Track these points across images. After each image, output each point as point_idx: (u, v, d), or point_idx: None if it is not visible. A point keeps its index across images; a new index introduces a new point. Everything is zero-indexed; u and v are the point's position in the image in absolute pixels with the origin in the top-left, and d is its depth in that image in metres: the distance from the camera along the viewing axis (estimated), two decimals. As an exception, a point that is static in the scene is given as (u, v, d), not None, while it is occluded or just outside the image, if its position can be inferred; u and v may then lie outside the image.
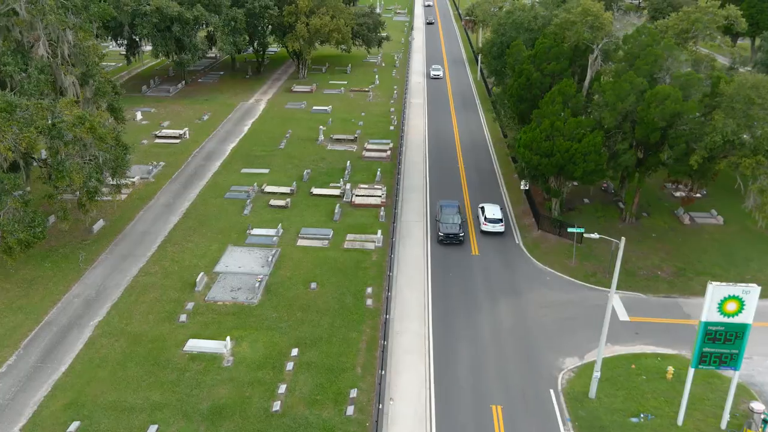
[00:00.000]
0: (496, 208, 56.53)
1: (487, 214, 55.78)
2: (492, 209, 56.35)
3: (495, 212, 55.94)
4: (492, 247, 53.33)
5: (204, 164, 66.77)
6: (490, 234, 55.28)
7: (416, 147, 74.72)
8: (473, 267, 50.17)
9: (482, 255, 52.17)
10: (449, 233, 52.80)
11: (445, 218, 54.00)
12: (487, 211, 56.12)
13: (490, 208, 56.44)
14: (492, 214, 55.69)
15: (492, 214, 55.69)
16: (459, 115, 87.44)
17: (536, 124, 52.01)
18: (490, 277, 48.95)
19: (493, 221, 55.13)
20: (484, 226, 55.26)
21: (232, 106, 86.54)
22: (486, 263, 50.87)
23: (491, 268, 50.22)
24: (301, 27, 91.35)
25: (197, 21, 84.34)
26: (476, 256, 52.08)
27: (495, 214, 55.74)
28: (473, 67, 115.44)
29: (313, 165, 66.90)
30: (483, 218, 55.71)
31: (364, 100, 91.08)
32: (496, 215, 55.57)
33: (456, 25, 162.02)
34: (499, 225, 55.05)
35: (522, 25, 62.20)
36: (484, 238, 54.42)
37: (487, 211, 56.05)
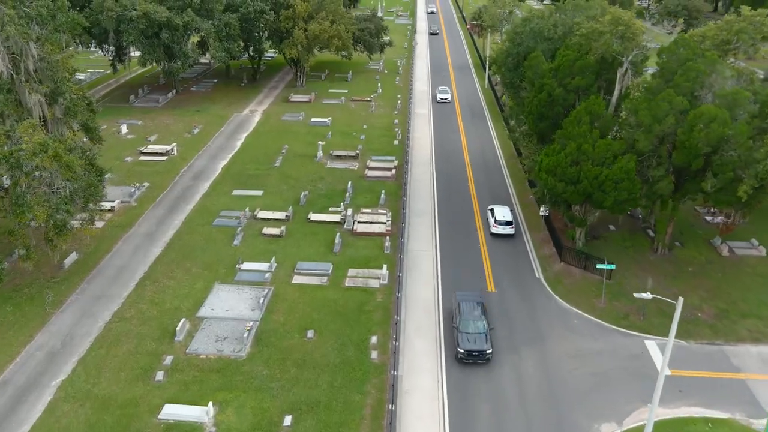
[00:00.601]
0: (506, 210, 54.88)
1: (497, 216, 54.09)
2: (502, 211, 54.61)
3: (505, 214, 54.26)
4: (510, 281, 47.79)
5: (192, 185, 61.19)
6: (508, 266, 49.78)
7: (422, 164, 69.17)
8: (490, 307, 44.63)
9: (499, 292, 46.63)
10: (472, 350, 38.14)
11: (464, 323, 39.74)
12: (497, 213, 54.45)
13: (500, 210, 54.75)
14: (502, 216, 53.99)
15: (502, 216, 53.99)
16: (467, 126, 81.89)
17: (560, 147, 46.44)
18: (509, 319, 43.40)
19: (504, 223, 53.50)
20: (494, 229, 53.68)
21: (225, 118, 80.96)
22: (504, 302, 45.32)
23: (510, 308, 44.68)
24: (299, 33, 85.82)
25: (187, 27, 78.81)
26: (493, 293, 46.53)
27: (505, 216, 54.02)
28: (480, 73, 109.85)
29: (311, 186, 61.32)
30: (493, 220, 54.10)
31: (365, 111, 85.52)
32: (506, 217, 53.87)
33: (460, 29, 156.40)
34: (509, 227, 53.41)
35: (540, 34, 56.62)
36: (501, 271, 48.85)
37: (497, 213, 54.36)
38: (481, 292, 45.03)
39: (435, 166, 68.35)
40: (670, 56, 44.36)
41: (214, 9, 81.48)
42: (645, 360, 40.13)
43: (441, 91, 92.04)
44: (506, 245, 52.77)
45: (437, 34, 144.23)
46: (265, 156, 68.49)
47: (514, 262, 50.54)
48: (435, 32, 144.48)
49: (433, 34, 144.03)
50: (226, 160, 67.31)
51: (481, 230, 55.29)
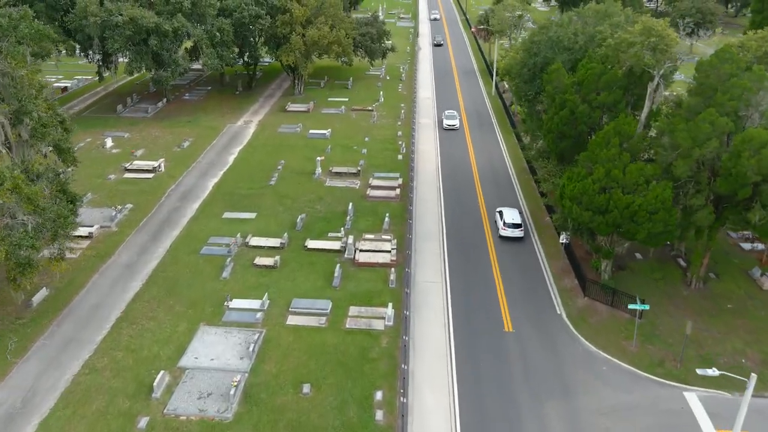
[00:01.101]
0: (515, 212, 53.80)
1: (506, 218, 52.80)
2: (511, 213, 53.52)
3: (514, 216, 53.07)
4: (528, 318, 42.95)
5: (179, 206, 56.32)
6: (526, 300, 44.95)
7: (428, 180, 64.33)
8: (508, 351, 39.84)
9: (517, 332, 41.80)
10: None
11: None
12: (506, 215, 53.20)
13: (509, 212, 53.64)
14: (511, 218, 52.78)
15: (511, 218, 52.78)
16: (475, 138, 77.05)
17: (585, 172, 41.59)
18: (530, 366, 38.58)
19: (513, 226, 52.29)
20: (503, 231, 52.46)
21: (217, 130, 76.09)
22: (523, 345, 40.49)
23: (530, 352, 39.85)
24: (297, 39, 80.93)
25: (178, 33, 73.93)
26: (510, 333, 41.70)
27: (514, 218, 52.82)
28: (486, 79, 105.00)
29: (308, 208, 56.44)
30: (501, 223, 52.82)
31: (367, 122, 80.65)
32: (515, 220, 52.68)
33: (464, 32, 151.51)
34: (518, 230, 52.22)
35: (559, 43, 51.70)
36: (518, 306, 44.01)
37: (506, 216, 53.08)
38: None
39: (442, 183, 63.51)
40: (711, 71, 39.47)
41: (206, 14, 76.62)
42: (686, 417, 35.34)
43: (448, 116, 79.57)
44: (523, 275, 47.95)
45: (442, 45, 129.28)
46: (260, 173, 63.61)
47: (533, 295, 45.72)
48: (439, 43, 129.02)
49: (438, 45, 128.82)
50: (217, 178, 62.43)
51: (494, 256, 50.49)
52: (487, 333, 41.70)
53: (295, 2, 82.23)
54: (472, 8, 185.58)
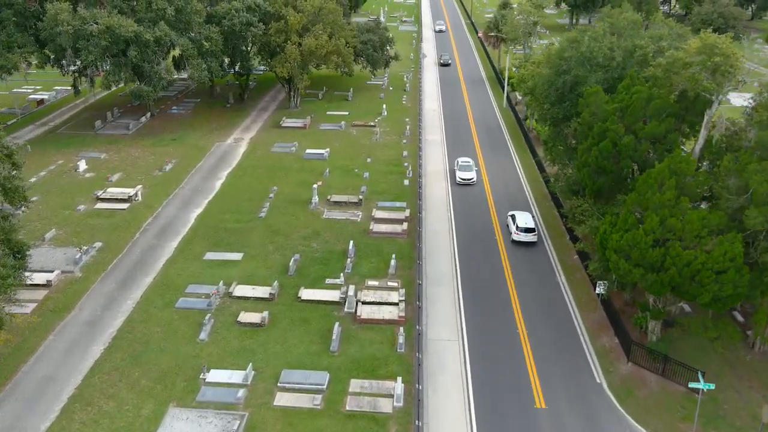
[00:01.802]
0: (527, 216, 52.26)
1: (518, 222, 51.11)
2: (524, 217, 51.85)
3: (527, 221, 51.36)
4: (563, 390, 35.95)
5: (155, 245, 49.28)
6: (560, 366, 37.92)
7: (438, 209, 57.36)
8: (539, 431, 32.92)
9: (551, 408, 34.82)
10: None
11: None
12: (519, 219, 51.53)
13: (522, 216, 51.99)
14: (524, 222, 51.04)
15: (524, 222, 51.04)
16: (487, 157, 70.07)
17: (633, 218, 34.59)
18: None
19: (526, 230, 50.54)
20: (516, 236, 50.74)
21: (204, 149, 69.04)
22: (560, 426, 33.49)
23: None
24: (292, 48, 73.89)
25: (160, 43, 66.92)
26: (542, 410, 34.70)
27: (527, 222, 51.09)
28: (496, 89, 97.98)
29: (303, 246, 49.41)
30: (514, 227, 51.03)
31: (369, 139, 73.60)
32: (528, 224, 50.93)
33: (470, 37, 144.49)
34: (531, 235, 50.52)
35: (593, 60, 44.65)
36: (551, 374, 36.98)
37: (519, 220, 51.41)
38: None
39: (453, 212, 56.53)
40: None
41: (192, 21, 69.60)
42: None
43: (463, 166, 62.11)
44: (553, 330, 40.94)
45: (449, 65, 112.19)
46: (249, 202, 56.55)
47: (566, 357, 38.70)
48: (447, 62, 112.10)
49: (445, 65, 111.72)
50: (201, 208, 55.37)
51: (516, 303, 43.53)
52: (516, 410, 34.69)
53: (291, 8, 75.24)
54: (477, 11, 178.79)
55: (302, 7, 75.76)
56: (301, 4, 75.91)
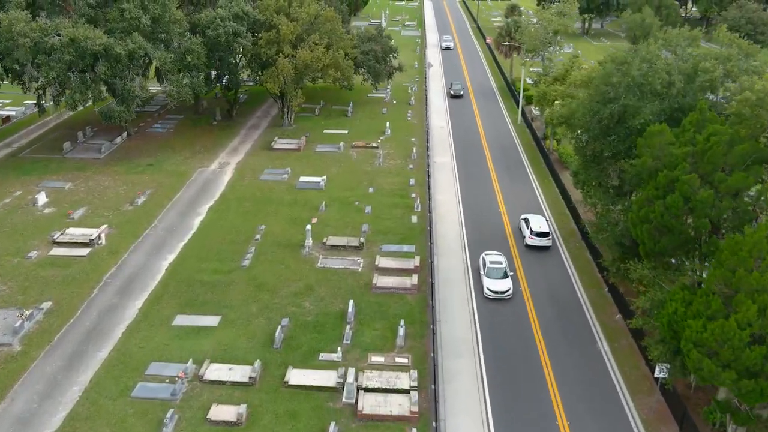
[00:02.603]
0: (542, 220, 50.94)
1: (532, 226, 49.72)
2: (538, 221, 50.48)
3: (542, 224, 49.99)
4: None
5: (116, 305, 41.12)
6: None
7: (451, 251, 49.37)
8: None
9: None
10: None
11: None
12: (533, 223, 50.14)
13: (536, 220, 50.59)
14: (538, 227, 49.61)
15: (538, 227, 49.61)
16: (503, 182, 62.02)
17: (718, 303, 26.46)
18: None
19: (540, 234, 49.21)
20: (530, 240, 49.38)
21: (185, 176, 60.89)
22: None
23: None
24: (284, 62, 65.72)
25: (134, 57, 58.75)
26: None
27: (542, 227, 49.70)
28: (508, 102, 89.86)
29: (293, 306, 41.24)
30: (528, 231, 49.71)
31: (371, 164, 65.44)
32: (542, 228, 49.56)
33: (477, 43, 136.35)
34: (546, 239, 49.26)
35: (647, 85, 36.46)
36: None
37: (533, 224, 49.99)
38: None
39: (469, 254, 48.43)
40: None
41: (171, 32, 61.47)
42: None
43: (493, 269, 44.00)
44: (600, 423, 32.79)
45: (462, 96, 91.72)
46: (231, 246, 48.40)
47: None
48: (458, 94, 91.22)
49: (456, 96, 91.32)
50: (175, 254, 47.19)
51: (552, 384, 35.46)
52: None
53: (283, 17, 67.07)
54: (482, 14, 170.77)
55: (296, 15, 67.63)
56: (294, 11, 67.81)
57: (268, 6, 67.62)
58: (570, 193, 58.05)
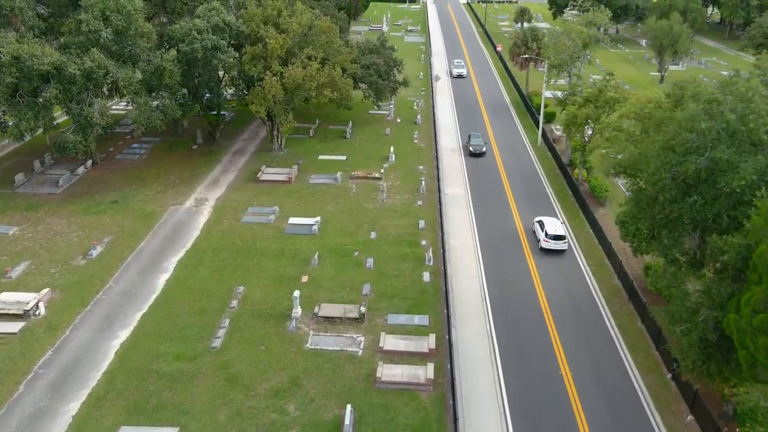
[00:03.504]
0: (557, 222, 49.57)
1: (547, 229, 48.32)
2: (553, 223, 49.09)
3: (557, 227, 48.54)
4: None
5: (44, 410, 31.80)
6: None
7: (472, 316, 40.23)
8: None
9: None
10: None
11: None
12: (548, 225, 48.73)
13: (551, 222, 49.26)
14: (554, 230, 48.17)
15: (554, 230, 48.17)
16: (527, 221, 52.76)
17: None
18: None
19: (556, 238, 47.72)
20: (545, 243, 48.07)
21: (153, 219, 51.60)
22: None
23: None
24: (272, 81, 56.40)
25: (91, 77, 49.50)
26: None
27: (557, 230, 48.24)
28: (526, 122, 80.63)
29: (273, 412, 31.86)
30: (543, 234, 48.36)
31: (373, 199, 56.16)
32: (558, 231, 48.05)
33: (485, 50, 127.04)
34: (562, 242, 47.80)
35: (747, 132, 27.03)
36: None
37: (548, 226, 48.59)
38: None
39: (494, 325, 39.17)
40: None
41: (137, 47, 52.20)
42: None
43: None
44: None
45: (483, 153, 67.17)
46: (200, 317, 39.06)
47: None
48: (480, 151, 66.74)
49: (478, 154, 66.86)
50: (128, 330, 37.85)
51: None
52: None
53: (271, 28, 57.73)
54: (489, 18, 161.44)
55: (286, 25, 58.27)
56: (285, 22, 58.47)
57: (254, 16, 58.30)
58: (609, 237, 48.89)
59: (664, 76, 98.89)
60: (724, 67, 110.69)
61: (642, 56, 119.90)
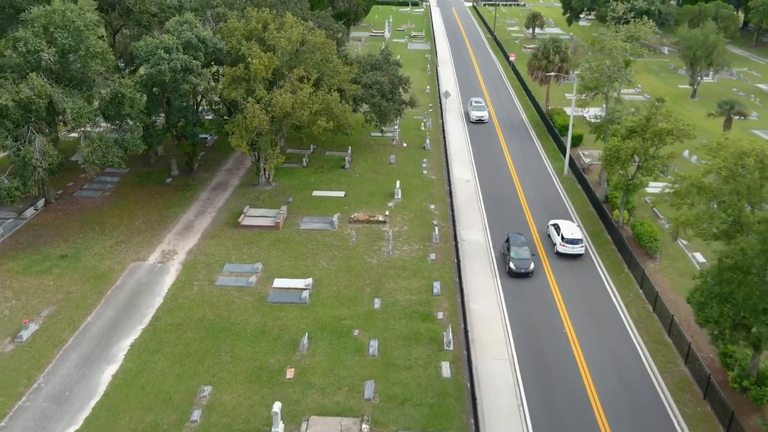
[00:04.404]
0: (573, 226, 46.79)
1: (564, 233, 45.55)
2: (570, 227, 46.31)
3: (573, 231, 45.86)
4: None
5: None
6: None
7: (509, 426, 30.74)
8: None
9: None
10: None
11: None
12: (564, 229, 45.96)
13: (568, 226, 46.39)
14: (570, 233, 45.48)
15: (570, 233, 45.48)
16: (563, 281, 43.48)
17: None
18: None
19: (573, 242, 45.15)
20: (561, 248, 45.38)
21: (106, 280, 42.12)
22: None
23: None
24: (256, 110, 46.88)
25: (30, 109, 40.06)
26: None
27: (574, 233, 45.59)
28: (546, 143, 71.31)
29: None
30: (559, 238, 45.68)
31: (377, 251, 46.72)
32: (575, 235, 45.47)
33: (495, 57, 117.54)
34: (578, 246, 45.15)
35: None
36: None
37: (564, 230, 45.83)
38: None
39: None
40: None
41: (89, 71, 42.70)
42: None
43: None
44: None
45: (531, 274, 44.71)
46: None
47: None
48: (524, 271, 44.62)
49: (524, 275, 44.22)
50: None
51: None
52: None
53: (255, 45, 48.27)
54: (498, 22, 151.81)
55: (274, 42, 48.78)
56: (271, 37, 49.02)
57: (235, 30, 48.87)
58: (667, 303, 39.59)
59: (697, 90, 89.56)
60: (758, 78, 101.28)
61: (666, 66, 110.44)
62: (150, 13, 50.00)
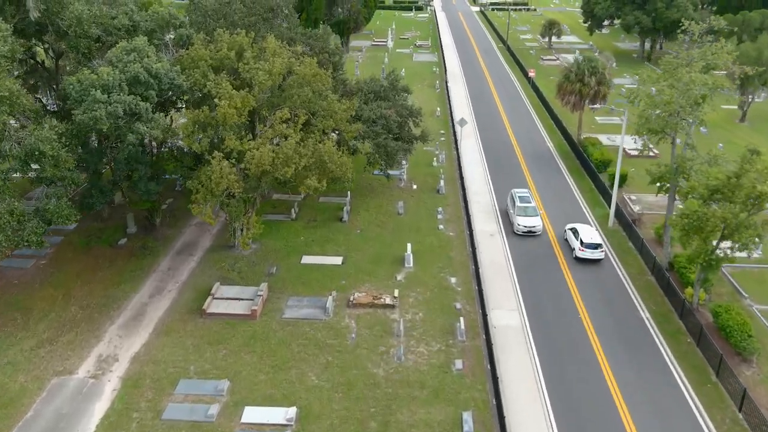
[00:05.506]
0: (592, 230, 45.51)
1: (583, 237, 44.30)
2: (589, 231, 45.11)
3: (593, 236, 44.58)
4: None
5: None
6: None
7: None
8: None
9: None
10: None
11: None
12: (583, 233, 44.67)
13: (587, 231, 45.14)
14: (590, 238, 44.21)
15: (590, 238, 44.21)
16: (626, 387, 32.29)
17: None
18: None
19: (592, 246, 43.88)
20: (580, 253, 44.02)
21: (13, 409, 30.60)
22: None
23: None
24: (222, 168, 35.31)
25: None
26: None
27: (593, 238, 44.30)
28: (581, 181, 60.05)
29: None
30: (578, 243, 44.32)
31: (383, 355, 35.25)
32: (594, 239, 44.20)
33: (510, 71, 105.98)
34: (598, 251, 43.92)
35: None
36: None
37: (583, 234, 44.55)
38: None
39: None
40: None
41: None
42: None
43: None
44: None
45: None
46: None
47: None
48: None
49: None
50: None
51: None
52: None
53: (225, 80, 36.73)
54: (510, 29, 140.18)
55: (250, 75, 37.18)
56: (247, 69, 37.45)
57: (200, 60, 37.33)
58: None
59: (747, 113, 78.24)
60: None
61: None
62: (91, 38, 38.44)
